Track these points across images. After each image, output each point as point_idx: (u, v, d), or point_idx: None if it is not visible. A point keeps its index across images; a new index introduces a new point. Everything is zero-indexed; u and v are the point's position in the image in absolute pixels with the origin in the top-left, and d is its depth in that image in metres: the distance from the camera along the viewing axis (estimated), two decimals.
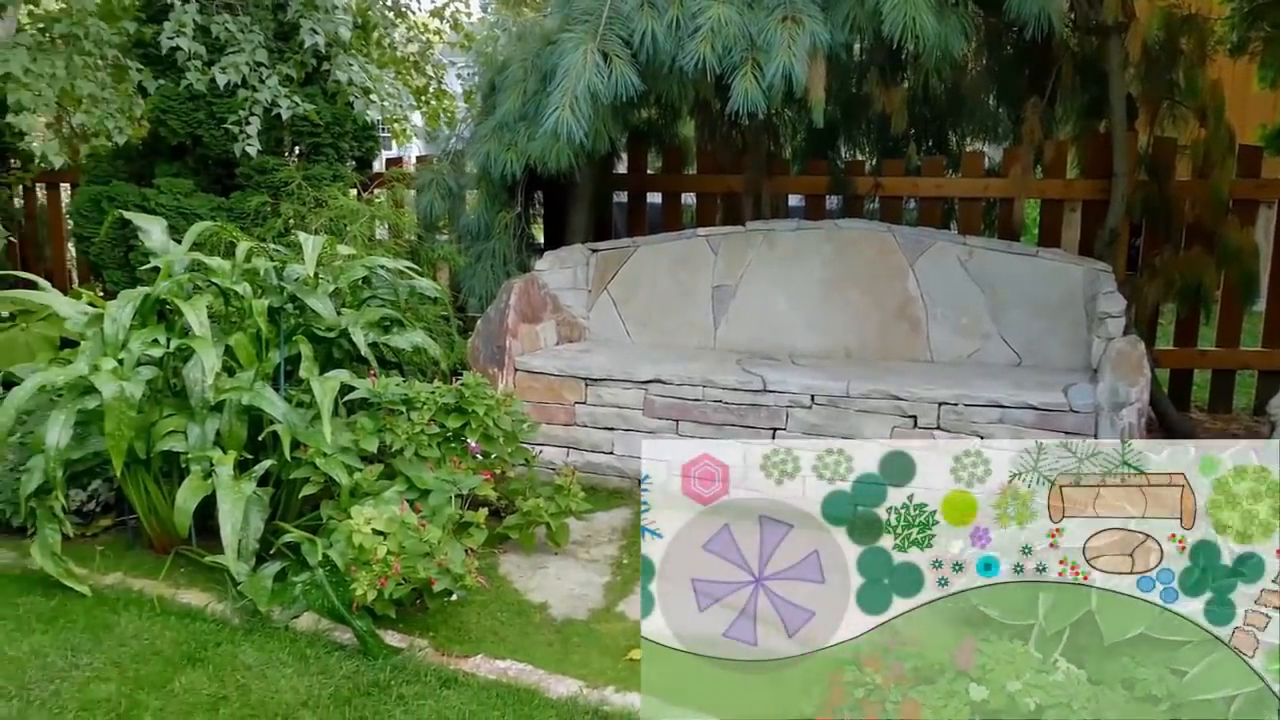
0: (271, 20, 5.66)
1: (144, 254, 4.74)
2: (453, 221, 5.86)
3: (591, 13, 4.62)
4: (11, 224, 6.85)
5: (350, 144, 6.00)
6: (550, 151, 4.74)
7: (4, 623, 3.32)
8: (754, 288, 5.23)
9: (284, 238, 5.09)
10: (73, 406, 3.56)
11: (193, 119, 5.53)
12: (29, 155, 6.44)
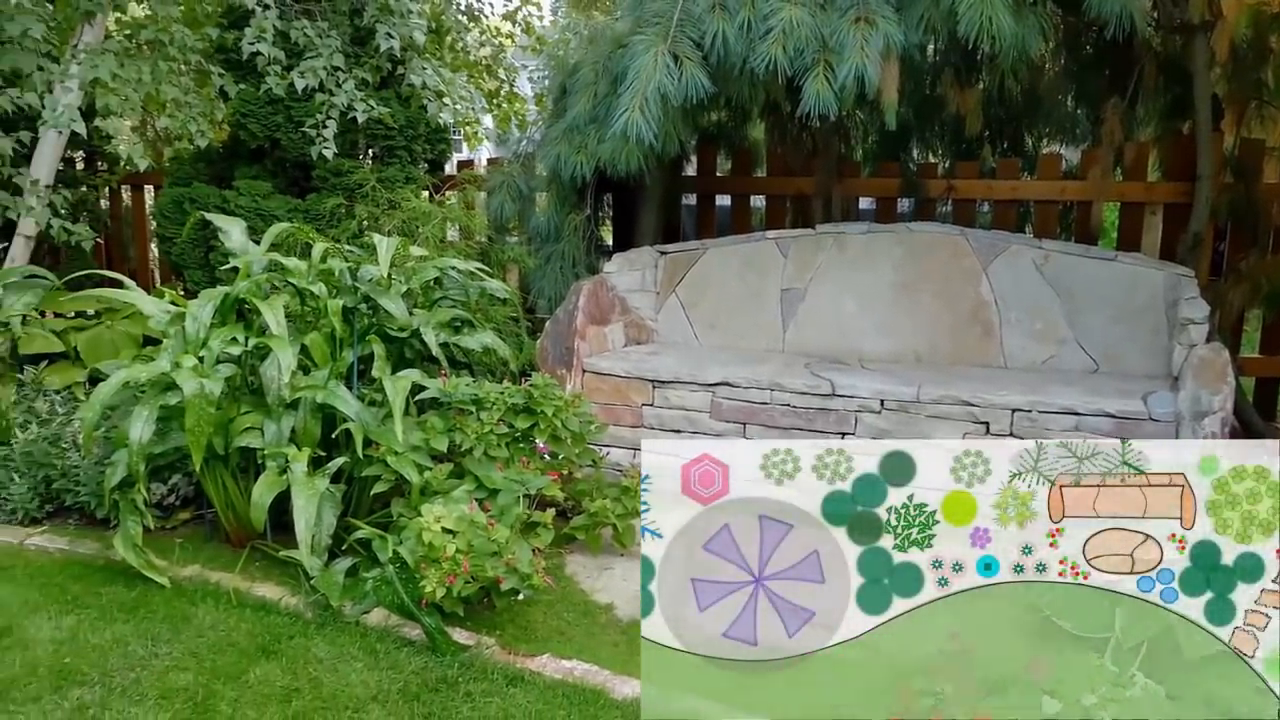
0: (348, 25, 5.77)
1: (223, 254, 4.86)
2: (523, 223, 5.91)
3: (663, 15, 4.62)
4: (98, 224, 7.06)
5: (423, 146, 6.09)
6: (620, 154, 4.75)
7: (88, 611, 3.42)
8: (823, 291, 5.19)
9: (358, 239, 5.18)
10: (155, 402, 3.65)
11: (271, 122, 5.66)
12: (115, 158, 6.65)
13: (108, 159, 7.20)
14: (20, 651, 3.15)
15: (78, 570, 3.76)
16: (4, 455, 4.29)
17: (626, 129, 4.45)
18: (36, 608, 3.44)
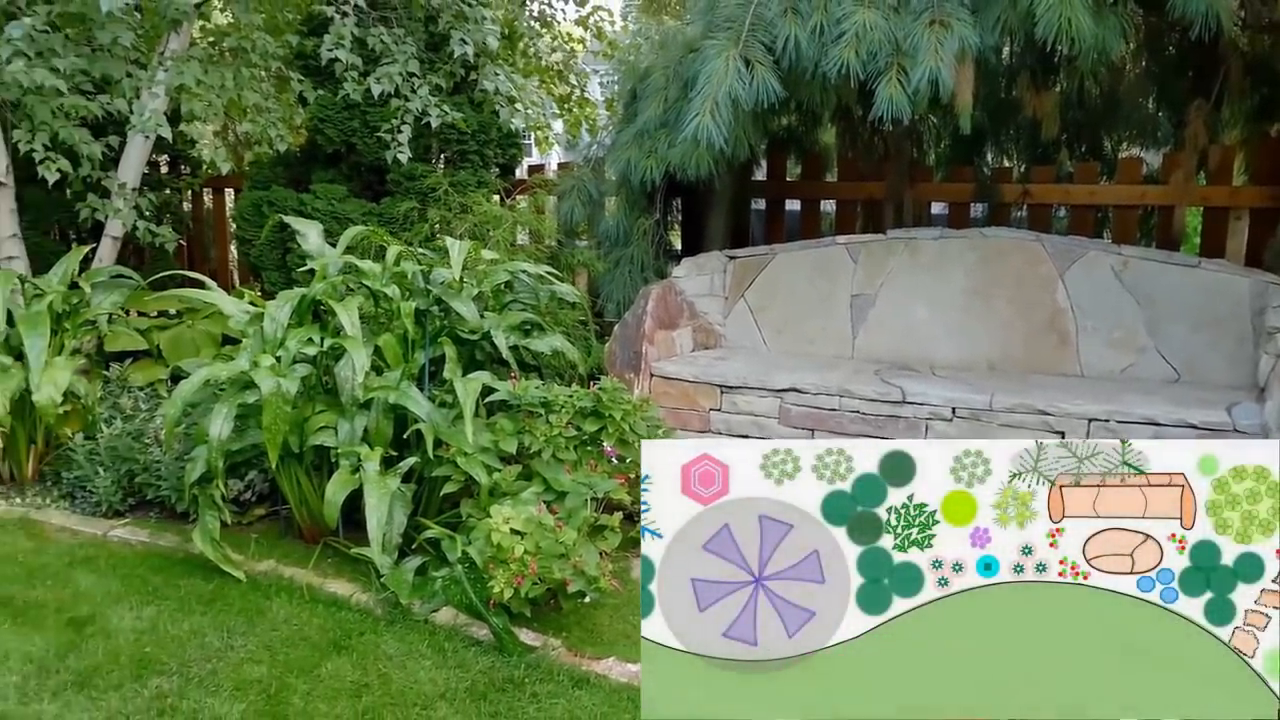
0: (423, 32, 5.86)
1: (300, 256, 4.96)
2: (592, 227, 5.94)
3: (734, 20, 4.62)
4: (181, 226, 7.25)
5: (495, 151, 6.16)
6: (690, 158, 4.76)
7: (167, 603, 3.52)
8: (894, 296, 5.14)
9: (430, 242, 5.25)
10: (234, 401, 3.75)
11: (348, 127, 5.77)
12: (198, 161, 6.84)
13: (191, 163, 7.40)
14: (103, 640, 3.24)
15: (158, 562, 3.86)
16: (90, 449, 4.43)
17: (697, 133, 4.45)
18: (119, 598, 3.55)
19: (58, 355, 4.57)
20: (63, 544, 4.03)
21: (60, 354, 4.61)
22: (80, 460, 4.39)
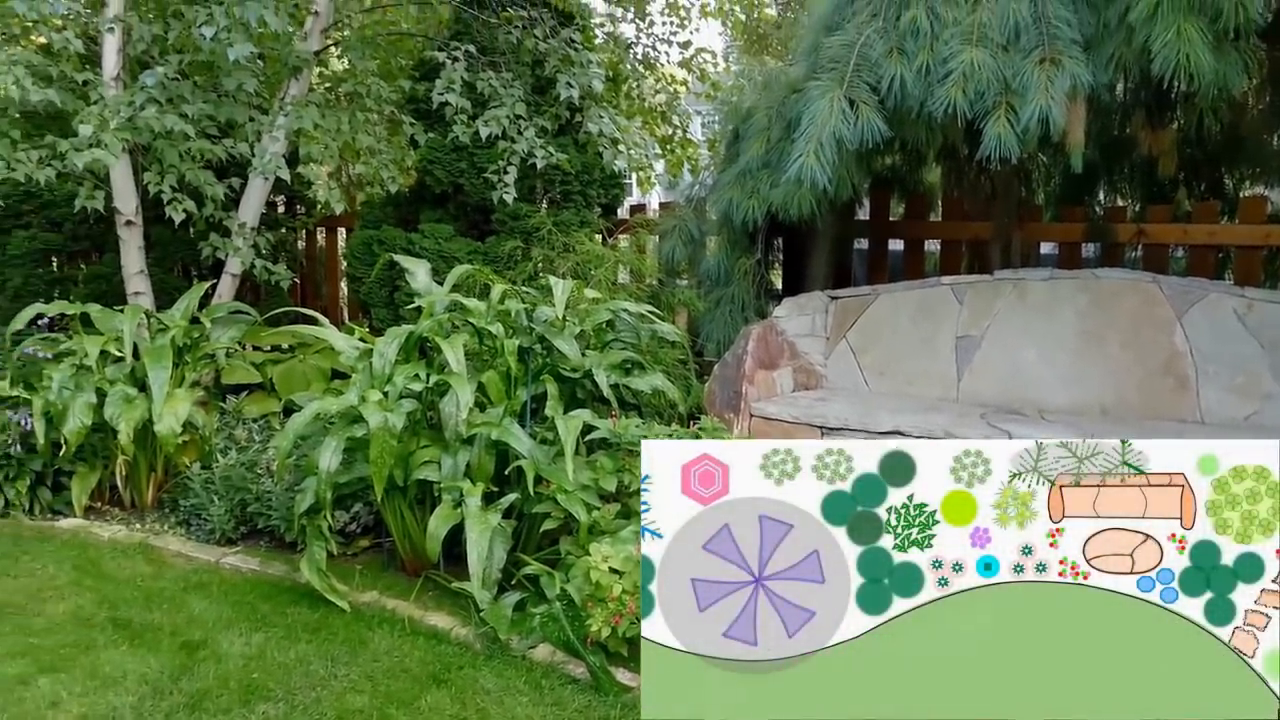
0: (530, 76, 6.00)
1: (408, 293, 5.09)
2: (693, 267, 5.96)
3: (839, 60, 4.61)
4: (295, 264, 7.51)
5: (597, 191, 6.24)
6: (793, 198, 4.75)
7: (275, 630, 3.61)
8: (1001, 338, 5.02)
9: (534, 281, 5.33)
10: (342, 434, 3.84)
11: (455, 168, 5.92)
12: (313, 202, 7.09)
13: (306, 203, 7.67)
14: (214, 664, 3.34)
15: (266, 590, 3.97)
16: (206, 478, 4.59)
17: (800, 174, 4.44)
18: (229, 623, 3.65)
19: (178, 387, 4.76)
20: (178, 569, 4.17)
21: (181, 386, 4.80)
22: (197, 489, 4.55)
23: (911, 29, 4.46)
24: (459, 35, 6.02)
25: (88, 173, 5.16)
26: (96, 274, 7.00)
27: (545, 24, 5.90)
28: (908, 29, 4.48)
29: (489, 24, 5.99)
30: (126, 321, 4.93)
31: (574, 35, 5.84)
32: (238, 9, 4.82)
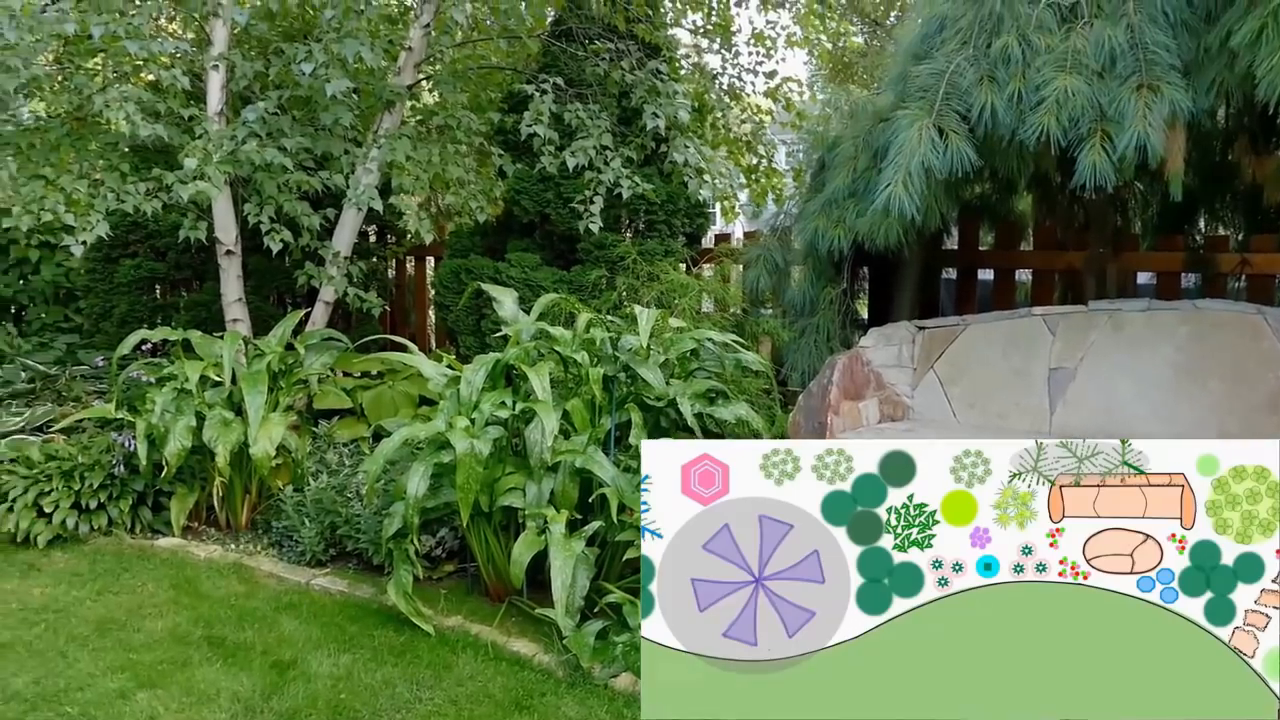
0: (616, 107, 6.07)
1: (494, 321, 5.16)
2: (777, 296, 5.93)
3: (927, 89, 4.56)
4: (385, 292, 7.69)
5: (682, 221, 6.27)
6: (879, 227, 4.70)
7: (362, 652, 3.67)
8: (1096, 372, 4.88)
9: (618, 310, 5.36)
10: (430, 460, 3.90)
11: (542, 198, 6.01)
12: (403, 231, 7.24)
13: (396, 232, 7.85)
14: (303, 684, 3.40)
15: (354, 612, 4.04)
16: (297, 501, 4.70)
17: (888, 203, 4.40)
18: (318, 644, 3.72)
19: (273, 411, 4.89)
20: (270, 589, 4.27)
21: (275, 410, 4.93)
22: (289, 511, 4.66)
23: (1003, 56, 4.40)
24: (547, 68, 6.13)
25: (191, 204, 5.36)
26: (197, 301, 7.26)
27: (632, 56, 5.97)
28: (999, 56, 4.41)
29: (576, 57, 6.09)
30: (225, 347, 5.09)
31: (660, 67, 5.90)
32: (336, 46, 4.99)
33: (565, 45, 6.17)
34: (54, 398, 6.35)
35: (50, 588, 4.22)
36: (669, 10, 6.92)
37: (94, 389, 6.52)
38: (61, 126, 5.71)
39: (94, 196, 5.08)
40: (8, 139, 5.16)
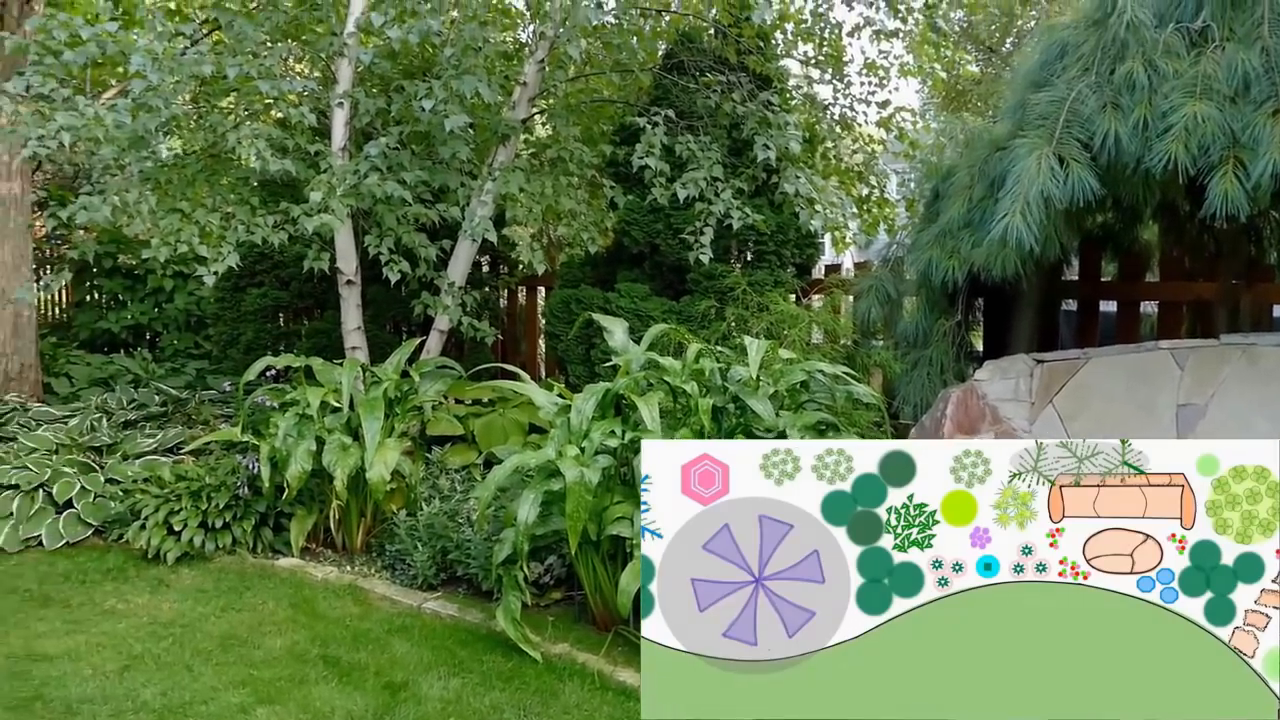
0: (726, 138, 6.09)
1: (604, 351, 5.21)
2: (889, 328, 5.84)
3: (1047, 117, 4.46)
4: (496, 321, 7.83)
5: (792, 251, 6.24)
6: (996, 258, 4.59)
7: (471, 676, 3.71)
8: (1228, 408, 4.65)
9: (727, 340, 5.35)
10: (540, 488, 3.95)
11: (652, 229, 6.05)
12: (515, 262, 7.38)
13: (508, 263, 8.00)
14: (414, 706, 3.46)
15: (464, 636, 4.10)
16: (410, 525, 4.80)
17: (1005, 233, 4.30)
18: (429, 667, 3.78)
19: (388, 437, 5.02)
20: (383, 611, 4.36)
21: (390, 436, 5.06)
22: (402, 535, 4.77)
23: (1127, 83, 4.27)
24: (658, 100, 6.19)
25: (316, 236, 5.57)
26: (317, 329, 7.51)
27: (743, 88, 5.99)
28: (1123, 83, 4.29)
29: (688, 89, 6.13)
30: (345, 374, 5.25)
31: (771, 98, 5.90)
32: (455, 83, 5.13)
33: (676, 78, 6.23)
34: (184, 420, 6.64)
35: (178, 603, 4.40)
36: (780, 42, 6.92)
37: (221, 413, 6.80)
38: (197, 162, 6.01)
39: (225, 229, 5.33)
40: (149, 175, 5.44)
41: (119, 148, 5.14)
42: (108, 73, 9.12)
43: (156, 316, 9.67)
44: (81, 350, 9.29)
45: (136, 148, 5.24)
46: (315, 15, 6.11)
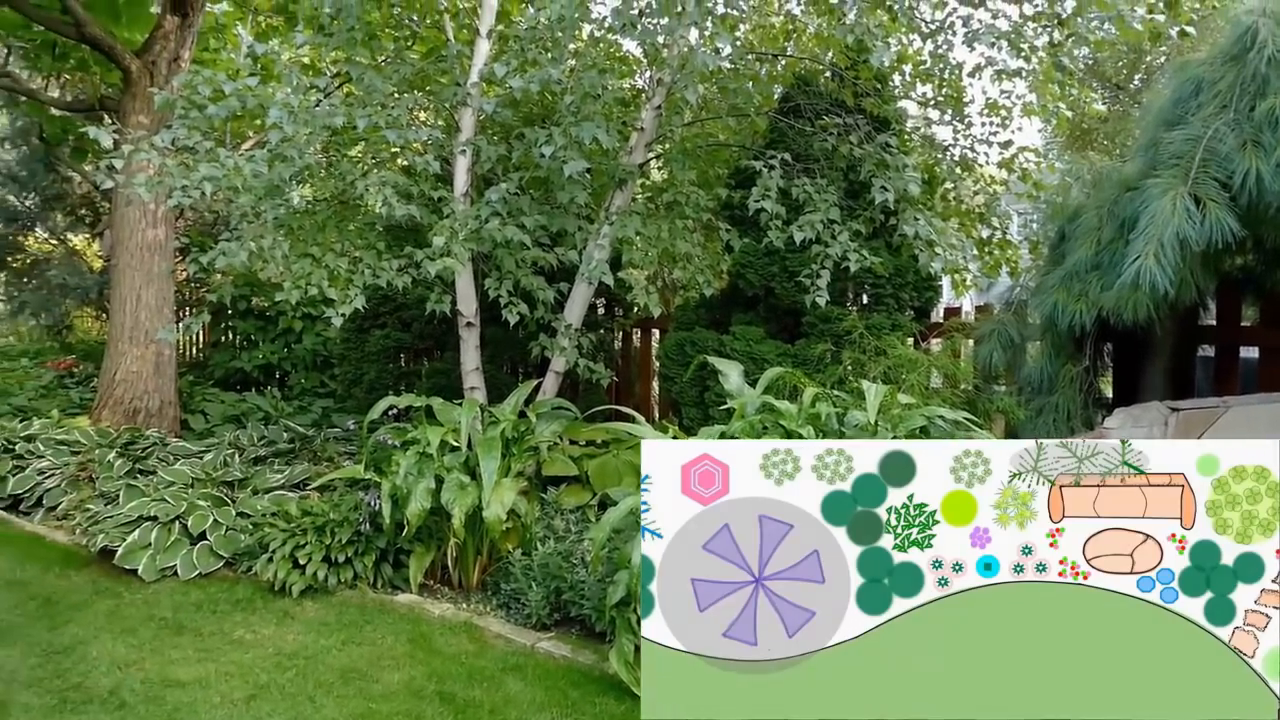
0: (843, 180, 6.05)
1: (718, 394, 5.20)
2: (1012, 373, 5.68)
3: (1181, 156, 4.31)
4: (611, 363, 7.90)
5: (910, 294, 6.14)
6: (1127, 302, 4.44)
7: (583, 718, 3.71)
8: None
9: (843, 384, 5.28)
10: None
11: (767, 272, 6.04)
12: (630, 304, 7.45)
13: (623, 305, 8.08)
14: None
15: (576, 677, 4.10)
16: (525, 565, 4.84)
17: (1138, 276, 4.16)
18: (541, 707, 3.80)
19: (505, 477, 5.09)
20: (497, 650, 4.40)
21: (507, 475, 5.13)
22: (517, 574, 4.81)
23: (1269, 119, 4.10)
24: (774, 143, 6.20)
25: (438, 279, 5.73)
26: (436, 369, 7.70)
27: (860, 130, 5.96)
28: (1264, 120, 4.12)
29: (804, 132, 6.13)
30: (464, 414, 5.35)
31: (889, 140, 5.85)
32: (574, 129, 5.23)
33: (792, 121, 6.23)
34: (310, 457, 6.86)
35: (301, 635, 4.52)
36: (898, 83, 6.86)
37: (345, 450, 7.01)
38: (327, 209, 6.27)
39: (353, 272, 5.52)
40: (282, 221, 5.69)
41: (256, 196, 5.40)
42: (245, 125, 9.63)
43: (286, 356, 10.07)
44: (216, 388, 9.74)
45: (272, 196, 5.49)
46: (440, 67, 6.33)
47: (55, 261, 12.51)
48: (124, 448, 6.93)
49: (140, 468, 6.54)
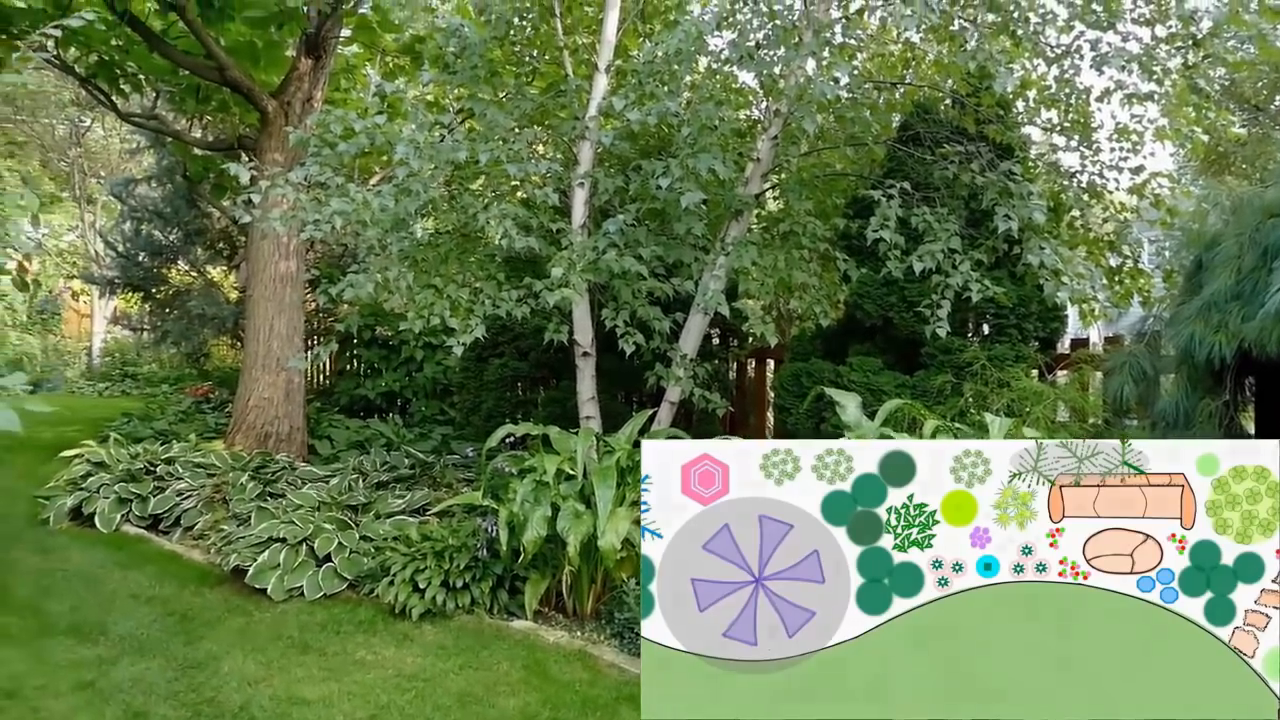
0: (964, 209, 5.93)
1: (834, 425, 5.12)
2: (1145, 407, 5.45)
3: None
4: (725, 393, 7.87)
5: (1034, 325, 5.97)
6: (1271, 333, 4.21)
7: None
8: None
9: (964, 417, 5.15)
10: None
11: (885, 302, 5.95)
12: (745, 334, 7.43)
13: (738, 335, 8.06)
14: None
15: None
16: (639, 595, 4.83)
17: None
18: None
19: (619, 506, 5.11)
20: (611, 679, 4.40)
21: (621, 505, 5.15)
22: (631, 604, 4.81)
23: None
24: (892, 173, 6.12)
25: (555, 309, 5.81)
26: (552, 398, 7.80)
27: (982, 158, 5.84)
28: None
29: (923, 160, 6.04)
30: (580, 443, 5.41)
31: (1013, 168, 5.71)
32: (691, 161, 5.27)
33: (911, 149, 6.14)
34: (430, 483, 7.02)
35: (420, 657, 4.61)
36: (1021, 110, 6.71)
37: (463, 476, 7.14)
38: (449, 241, 6.44)
39: (473, 303, 5.65)
40: (407, 253, 5.87)
41: (383, 229, 5.58)
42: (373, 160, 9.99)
43: (408, 384, 10.35)
44: (341, 415, 10.06)
45: (398, 229, 5.67)
46: (559, 102, 6.46)
47: (195, 292, 13.15)
48: (255, 471, 7.22)
49: (270, 490, 6.79)
